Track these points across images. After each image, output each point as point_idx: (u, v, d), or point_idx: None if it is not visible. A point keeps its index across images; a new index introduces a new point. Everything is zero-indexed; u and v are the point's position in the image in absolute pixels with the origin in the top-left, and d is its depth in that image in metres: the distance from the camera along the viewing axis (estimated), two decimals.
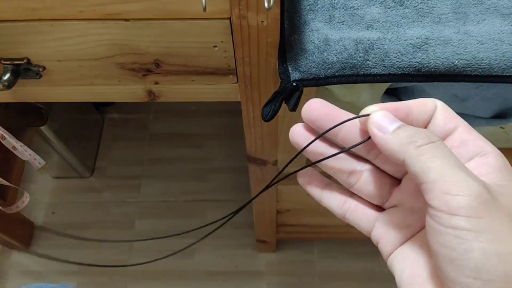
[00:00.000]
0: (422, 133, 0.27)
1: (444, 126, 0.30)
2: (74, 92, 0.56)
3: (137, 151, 1.32)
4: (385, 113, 0.29)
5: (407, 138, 0.27)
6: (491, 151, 0.28)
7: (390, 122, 0.29)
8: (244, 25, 0.42)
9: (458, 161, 0.26)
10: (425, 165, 0.26)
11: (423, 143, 0.27)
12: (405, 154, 0.27)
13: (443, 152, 0.26)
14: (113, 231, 1.22)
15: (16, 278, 1.17)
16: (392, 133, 0.28)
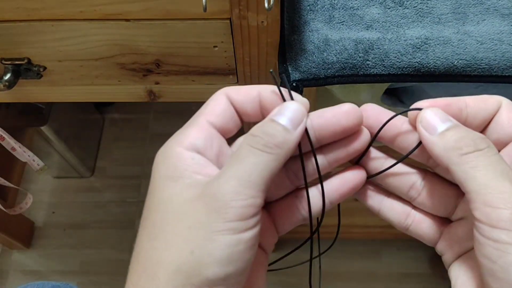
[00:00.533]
0: (469, 138, 0.25)
1: (509, 128, 0.27)
2: (75, 92, 0.56)
3: (138, 151, 1.32)
4: (436, 110, 0.27)
5: (453, 142, 0.25)
6: None
7: (441, 121, 0.27)
8: (244, 25, 0.42)
9: (505, 171, 0.24)
10: (468, 174, 0.24)
11: (468, 150, 0.25)
12: (448, 161, 0.25)
13: (488, 160, 0.25)
14: (113, 231, 1.22)
15: (17, 277, 1.17)
16: (440, 135, 0.26)
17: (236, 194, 0.24)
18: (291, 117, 0.26)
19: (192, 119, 0.28)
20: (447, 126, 0.26)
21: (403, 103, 0.60)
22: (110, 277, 1.16)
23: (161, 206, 0.25)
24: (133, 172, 1.29)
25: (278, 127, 0.26)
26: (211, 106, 0.28)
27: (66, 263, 1.18)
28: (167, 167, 0.26)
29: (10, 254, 1.19)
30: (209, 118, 0.28)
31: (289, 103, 0.27)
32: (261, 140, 0.25)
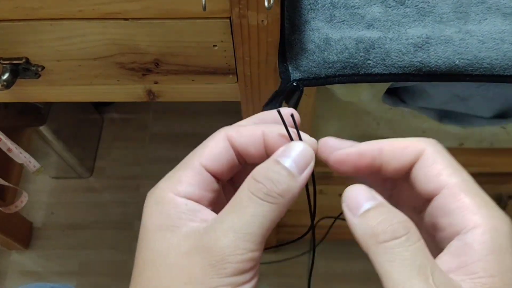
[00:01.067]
0: (388, 222, 0.23)
1: (427, 184, 0.25)
2: (74, 92, 0.55)
3: (137, 151, 1.32)
4: (360, 188, 0.25)
5: (371, 228, 0.23)
6: (481, 223, 0.23)
7: (364, 199, 0.25)
8: (244, 24, 0.42)
9: (423, 266, 0.22)
10: (384, 269, 0.23)
11: (385, 238, 0.23)
12: (367, 249, 0.24)
13: (406, 254, 0.22)
14: (112, 231, 1.21)
15: (15, 278, 1.17)
16: (360, 217, 0.24)
17: (234, 249, 0.23)
18: (297, 159, 0.25)
19: (186, 159, 0.28)
20: (369, 206, 0.24)
21: (404, 102, 0.60)
22: (109, 278, 1.16)
23: (157, 260, 0.25)
24: (132, 172, 1.29)
25: (282, 172, 0.25)
26: (208, 149, 0.27)
27: (65, 263, 1.18)
28: (160, 215, 0.25)
29: (8, 254, 1.19)
30: (203, 161, 0.27)
31: (296, 144, 0.26)
32: (263, 188, 0.24)
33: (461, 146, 0.71)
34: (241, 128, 0.27)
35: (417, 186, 0.26)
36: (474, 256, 0.23)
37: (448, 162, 0.25)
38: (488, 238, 0.23)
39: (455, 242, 0.24)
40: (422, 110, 0.61)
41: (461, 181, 0.25)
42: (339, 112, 0.66)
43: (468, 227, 0.23)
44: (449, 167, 0.25)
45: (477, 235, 0.23)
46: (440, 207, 0.25)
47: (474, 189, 0.25)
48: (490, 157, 0.71)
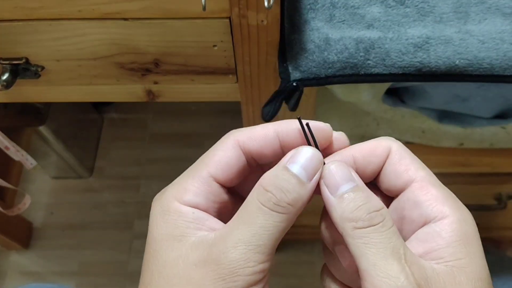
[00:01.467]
0: (365, 209, 0.24)
1: (396, 180, 0.26)
2: (73, 92, 0.55)
3: (137, 151, 1.32)
4: (341, 166, 0.26)
5: (349, 212, 0.24)
6: (449, 214, 0.25)
7: (344, 179, 0.25)
8: (244, 24, 0.42)
9: (396, 248, 0.23)
10: (360, 251, 0.24)
11: (362, 225, 0.24)
12: (343, 231, 0.24)
13: (381, 237, 0.23)
14: (112, 231, 1.21)
15: (15, 278, 1.16)
16: (339, 197, 0.25)
17: (244, 262, 0.23)
18: (306, 165, 0.25)
19: (194, 166, 0.27)
20: (347, 188, 0.25)
21: (404, 102, 0.60)
22: (108, 278, 1.16)
23: (166, 270, 0.24)
24: (132, 172, 1.29)
25: (292, 180, 0.25)
26: (217, 157, 0.26)
27: (65, 264, 1.18)
28: (167, 225, 0.25)
29: (8, 255, 1.19)
30: (212, 171, 0.26)
31: (305, 149, 0.26)
32: (273, 198, 0.24)
33: (461, 146, 0.71)
34: (252, 131, 0.27)
35: (386, 183, 0.27)
36: (442, 242, 0.24)
37: (412, 157, 0.27)
38: (456, 227, 0.24)
39: (423, 230, 0.25)
40: (422, 110, 0.61)
41: (428, 174, 0.26)
42: (339, 112, 0.66)
43: (438, 217, 0.25)
44: (414, 162, 0.26)
45: (445, 225, 0.24)
46: (409, 200, 0.26)
47: (438, 182, 0.26)
48: (490, 157, 0.71)
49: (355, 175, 0.26)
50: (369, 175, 0.27)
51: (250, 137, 0.27)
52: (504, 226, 0.91)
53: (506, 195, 0.81)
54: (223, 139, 0.27)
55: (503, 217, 0.88)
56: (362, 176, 0.27)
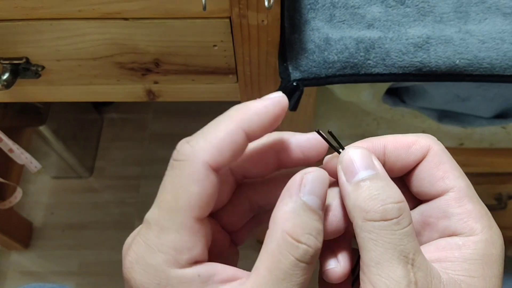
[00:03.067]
0: (380, 200, 0.22)
1: (430, 186, 0.24)
2: (73, 92, 0.55)
3: (137, 151, 1.32)
4: (361, 152, 0.23)
5: (362, 201, 0.22)
6: (479, 232, 0.23)
7: (363, 166, 0.23)
8: (244, 24, 0.42)
9: (405, 252, 0.21)
10: (366, 244, 0.22)
11: (373, 217, 0.22)
12: (353, 220, 0.22)
13: (392, 237, 0.21)
14: (112, 231, 1.21)
15: (15, 278, 1.16)
16: (354, 185, 0.23)
17: None
18: (320, 193, 0.23)
19: (162, 214, 0.22)
20: (365, 175, 0.23)
21: (404, 102, 0.59)
22: (108, 278, 1.16)
23: None
24: (132, 172, 1.29)
25: (318, 224, 0.22)
26: (195, 195, 0.21)
27: (65, 264, 1.18)
28: None
29: (8, 255, 1.19)
30: (194, 214, 0.22)
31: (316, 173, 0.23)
32: (310, 251, 0.21)
33: (461, 146, 0.71)
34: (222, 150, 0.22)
35: (418, 186, 0.25)
36: (459, 256, 0.23)
37: (453, 163, 0.24)
38: (481, 247, 0.23)
39: (446, 240, 0.23)
40: (422, 110, 0.61)
41: (467, 186, 0.24)
42: (339, 112, 0.66)
43: (466, 233, 0.23)
44: (454, 169, 0.24)
45: (470, 241, 0.23)
46: (440, 208, 0.24)
47: (476, 196, 0.24)
48: (490, 157, 0.71)
49: (378, 163, 0.23)
50: (398, 172, 0.25)
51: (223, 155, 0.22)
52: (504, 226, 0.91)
53: (506, 195, 0.81)
54: (185, 165, 0.22)
55: (503, 217, 0.88)
56: (390, 171, 0.24)
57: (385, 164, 0.25)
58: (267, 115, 0.22)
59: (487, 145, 0.70)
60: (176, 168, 0.22)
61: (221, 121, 0.23)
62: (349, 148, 0.24)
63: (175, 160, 0.22)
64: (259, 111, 0.22)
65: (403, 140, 0.25)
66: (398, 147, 0.25)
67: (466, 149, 0.71)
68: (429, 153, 0.24)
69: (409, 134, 0.25)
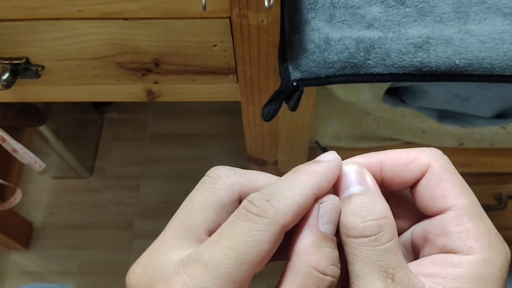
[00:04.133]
0: (361, 217, 0.23)
1: (430, 204, 0.24)
2: (73, 92, 0.55)
3: (137, 151, 1.32)
4: (355, 168, 0.24)
5: (346, 217, 0.23)
6: (476, 252, 0.23)
7: (355, 181, 0.24)
8: (244, 24, 0.42)
9: (384, 267, 0.22)
10: (349, 258, 0.23)
11: (353, 234, 0.23)
12: (340, 234, 0.23)
13: (370, 253, 0.22)
14: (112, 231, 1.21)
15: (15, 278, 1.16)
16: (343, 199, 0.24)
17: None
18: (335, 220, 0.24)
19: (232, 264, 0.22)
20: (354, 191, 0.24)
21: (405, 102, 0.60)
22: (108, 278, 1.16)
23: None
24: (132, 172, 1.29)
25: (333, 245, 0.23)
26: (265, 253, 0.22)
27: (65, 264, 1.18)
28: None
29: (8, 254, 1.19)
30: (257, 270, 0.23)
31: (332, 202, 0.24)
32: (334, 280, 0.23)
33: (461, 146, 0.71)
34: None
35: (419, 202, 0.25)
36: (452, 274, 0.23)
37: (455, 180, 0.24)
38: (476, 266, 0.23)
39: (443, 256, 0.23)
40: (422, 110, 0.61)
41: (467, 204, 0.24)
42: (339, 112, 0.66)
43: (464, 252, 0.23)
44: (455, 187, 0.24)
45: (466, 260, 0.23)
46: (439, 226, 0.24)
47: (478, 213, 0.24)
48: (490, 157, 0.71)
49: (370, 179, 0.24)
50: (398, 187, 0.25)
51: None
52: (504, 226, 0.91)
53: (506, 195, 0.81)
54: (269, 224, 0.22)
55: (503, 217, 0.88)
56: (390, 186, 0.25)
57: (383, 180, 0.25)
58: (333, 178, 0.24)
59: (487, 145, 0.70)
60: (253, 222, 0.22)
61: (296, 185, 0.23)
62: (344, 162, 0.25)
63: (251, 212, 0.22)
64: (328, 176, 0.24)
65: (403, 156, 0.25)
66: (396, 164, 0.25)
67: (466, 149, 0.71)
68: (428, 170, 0.24)
69: (412, 149, 0.25)
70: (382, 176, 0.25)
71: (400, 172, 0.25)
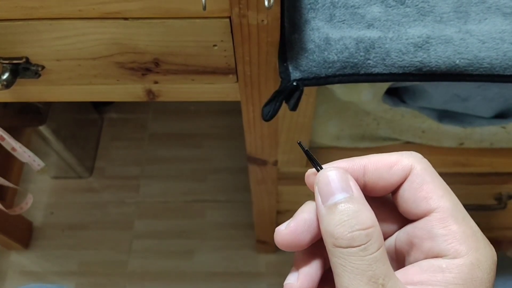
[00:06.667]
0: (348, 226, 0.22)
1: (414, 207, 0.24)
2: (73, 92, 0.55)
3: (136, 151, 1.32)
4: (338, 173, 0.24)
5: (332, 226, 0.23)
6: (464, 255, 0.22)
7: (339, 188, 0.23)
8: (244, 24, 0.42)
9: (374, 278, 0.22)
10: (336, 269, 0.22)
11: (341, 244, 0.22)
12: (326, 244, 0.23)
13: (359, 263, 0.22)
14: (112, 231, 1.21)
15: (15, 278, 1.16)
16: (327, 208, 0.23)
17: None
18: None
19: None
20: (339, 199, 0.23)
21: (405, 102, 0.59)
22: (108, 278, 1.16)
23: None
24: (131, 172, 1.29)
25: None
26: None
27: (65, 264, 1.18)
28: None
29: (8, 254, 1.19)
30: None
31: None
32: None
33: (461, 146, 0.71)
34: None
35: (403, 206, 0.25)
36: (441, 280, 0.22)
37: (437, 182, 0.24)
38: (464, 270, 0.22)
39: (430, 262, 0.23)
40: (422, 110, 0.61)
41: (451, 205, 0.23)
42: (339, 112, 0.66)
43: (450, 255, 0.23)
44: (438, 189, 0.24)
45: (454, 264, 0.22)
46: (424, 229, 0.24)
47: (462, 215, 0.24)
48: (490, 157, 0.71)
49: (354, 185, 0.24)
50: (381, 192, 0.25)
51: None
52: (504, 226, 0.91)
53: (506, 195, 0.81)
54: None
55: (503, 217, 0.88)
56: (372, 191, 0.25)
57: (366, 184, 0.25)
58: None
59: (487, 145, 0.70)
60: None
61: None
62: (327, 168, 0.24)
63: None
64: None
65: (385, 159, 0.25)
66: (379, 167, 0.25)
67: (466, 149, 0.71)
68: (411, 172, 0.24)
69: (393, 153, 0.25)
70: (364, 180, 0.25)
71: (384, 175, 0.24)
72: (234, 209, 1.22)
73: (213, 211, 1.21)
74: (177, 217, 1.22)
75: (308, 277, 0.25)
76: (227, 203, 1.23)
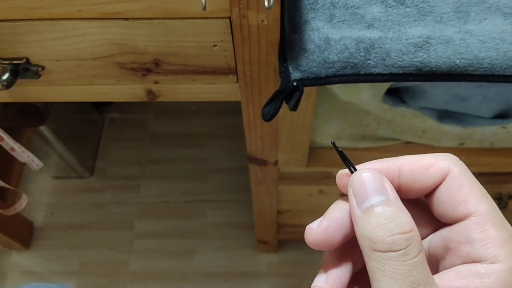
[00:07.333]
0: (388, 230, 0.21)
1: (451, 211, 0.23)
2: (73, 92, 0.55)
3: (137, 151, 1.32)
4: (373, 175, 0.23)
5: (370, 230, 0.22)
6: (503, 259, 0.22)
7: (374, 191, 0.23)
8: (244, 24, 0.42)
9: (415, 283, 0.21)
10: (375, 274, 0.22)
11: (380, 248, 0.21)
12: (362, 248, 0.22)
13: (399, 268, 0.21)
14: (112, 231, 1.21)
15: (16, 278, 1.16)
16: (363, 211, 0.22)
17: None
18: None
19: None
20: (375, 202, 0.22)
21: (405, 102, 0.59)
22: (109, 278, 1.16)
23: None
24: (132, 172, 1.29)
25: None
26: None
27: (65, 264, 1.18)
28: None
29: (9, 254, 1.19)
30: None
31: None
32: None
33: (462, 146, 0.71)
34: None
35: (439, 210, 0.24)
36: (481, 287, 0.22)
37: (475, 185, 0.23)
38: (503, 276, 0.22)
39: (467, 267, 0.23)
40: (423, 110, 0.61)
41: (489, 209, 0.23)
42: (339, 112, 0.66)
43: (489, 260, 0.22)
44: (476, 192, 0.23)
45: (493, 269, 0.22)
46: (462, 233, 0.23)
47: (500, 219, 0.23)
48: (490, 157, 0.71)
49: (390, 187, 0.23)
50: (416, 194, 0.25)
51: None
52: None
53: (506, 195, 0.81)
54: None
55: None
56: (407, 193, 0.24)
57: (400, 186, 0.24)
58: None
59: (487, 145, 0.70)
60: None
61: None
62: (362, 169, 0.24)
63: None
64: None
65: (420, 161, 0.24)
66: (414, 169, 0.24)
67: (466, 149, 0.71)
68: (448, 175, 0.24)
69: (427, 155, 0.24)
70: (399, 182, 0.24)
71: (419, 177, 0.24)
72: (235, 209, 1.22)
73: (214, 211, 1.21)
74: (178, 217, 1.22)
75: (337, 280, 0.25)
76: (228, 203, 1.23)
